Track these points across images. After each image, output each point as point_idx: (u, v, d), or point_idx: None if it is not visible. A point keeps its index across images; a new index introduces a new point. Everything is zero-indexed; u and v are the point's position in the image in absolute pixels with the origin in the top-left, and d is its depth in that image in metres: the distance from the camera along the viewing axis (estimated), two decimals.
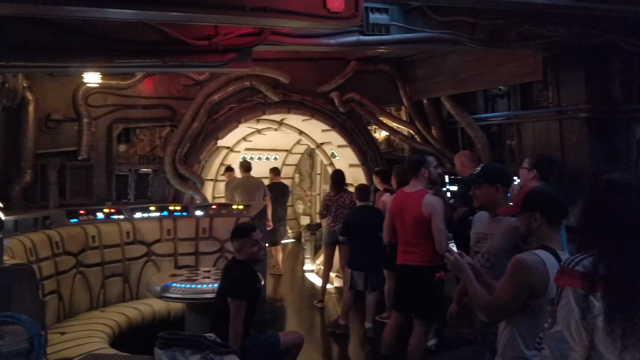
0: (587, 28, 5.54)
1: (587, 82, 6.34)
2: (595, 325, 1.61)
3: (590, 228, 1.76)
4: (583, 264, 1.70)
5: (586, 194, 1.88)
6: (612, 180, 1.73)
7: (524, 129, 7.21)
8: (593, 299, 1.62)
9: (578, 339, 1.65)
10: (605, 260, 1.64)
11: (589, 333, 1.63)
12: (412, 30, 4.91)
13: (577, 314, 1.64)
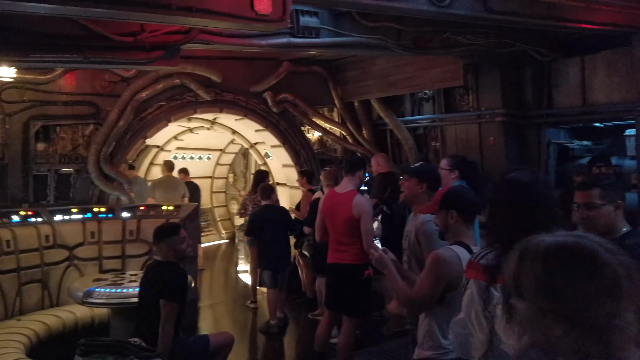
0: (503, 38, 5.97)
1: (503, 88, 6.83)
2: (496, 314, 1.77)
3: (493, 224, 1.93)
4: (487, 257, 1.86)
5: (490, 192, 2.06)
6: (508, 180, 1.90)
7: (447, 131, 7.63)
8: (493, 289, 1.78)
9: (478, 326, 1.81)
10: (504, 253, 1.81)
11: (489, 321, 1.79)
12: (342, 34, 5.05)
13: (479, 304, 1.81)
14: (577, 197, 2.42)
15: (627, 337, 0.98)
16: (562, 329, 1.01)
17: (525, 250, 1.10)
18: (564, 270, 1.02)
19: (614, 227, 2.36)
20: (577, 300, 1.00)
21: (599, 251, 1.03)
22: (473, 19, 4.33)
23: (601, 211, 2.34)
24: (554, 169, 6.94)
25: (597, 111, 6.36)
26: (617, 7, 5.16)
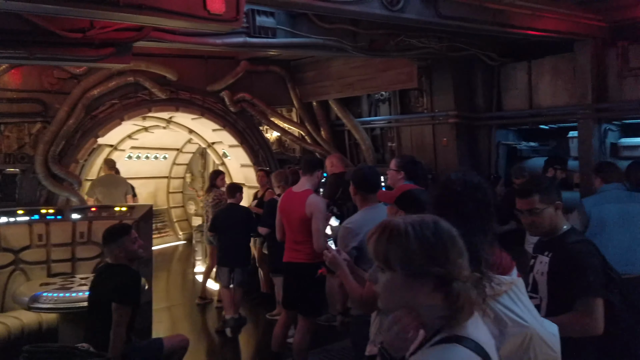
0: (455, 42, 6.18)
1: (456, 91, 7.06)
2: None
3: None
4: None
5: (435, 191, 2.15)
6: (448, 178, 1.99)
7: (403, 132, 7.81)
8: None
9: None
10: None
11: None
12: (298, 35, 5.08)
13: None
14: (519, 204, 2.56)
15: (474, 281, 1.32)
16: (431, 288, 1.27)
17: (392, 232, 1.31)
18: (434, 240, 1.28)
19: (557, 226, 2.51)
20: (445, 262, 1.27)
21: (448, 225, 1.35)
22: (425, 23, 4.45)
23: (544, 214, 2.48)
24: (504, 169, 7.23)
25: (543, 114, 6.68)
26: (560, 15, 5.43)
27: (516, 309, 1.82)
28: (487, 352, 1.26)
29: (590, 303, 2.25)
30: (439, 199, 1.97)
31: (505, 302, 1.82)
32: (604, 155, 6.17)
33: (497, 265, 1.87)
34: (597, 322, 2.24)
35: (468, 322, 1.29)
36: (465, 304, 1.26)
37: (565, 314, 2.26)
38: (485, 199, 1.96)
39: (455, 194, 1.91)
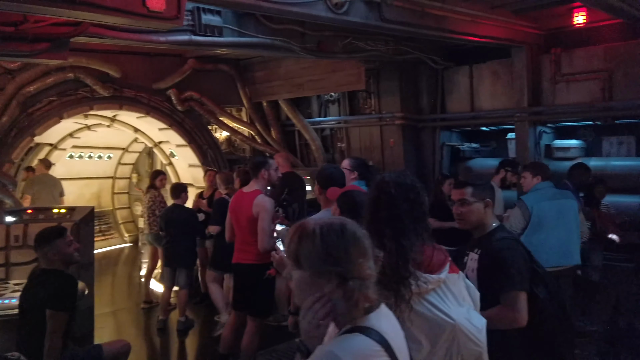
0: (401, 45, 6.35)
1: (402, 94, 7.25)
2: None
3: (370, 218, 2.06)
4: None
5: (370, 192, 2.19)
6: (382, 180, 2.04)
7: (352, 133, 7.93)
8: None
9: None
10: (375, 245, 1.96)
11: None
12: (246, 34, 5.04)
13: None
14: (453, 195, 2.71)
15: (373, 279, 1.42)
16: (335, 284, 1.36)
17: (302, 233, 1.42)
18: (337, 242, 1.39)
19: (485, 223, 2.63)
20: (346, 262, 1.37)
21: (355, 227, 1.45)
22: (369, 27, 4.55)
23: (472, 208, 2.60)
24: (448, 169, 7.50)
25: (483, 116, 6.98)
26: (498, 22, 5.70)
27: (442, 306, 1.90)
28: (390, 343, 1.36)
29: (514, 296, 2.38)
30: (372, 200, 2.03)
31: (432, 300, 1.90)
32: (539, 156, 6.54)
33: (427, 264, 1.94)
34: (521, 314, 2.37)
35: (372, 315, 1.40)
36: (360, 301, 1.37)
37: (491, 308, 2.37)
38: (418, 199, 2.03)
39: (388, 195, 1.97)
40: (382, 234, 1.91)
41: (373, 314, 1.41)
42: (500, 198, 5.31)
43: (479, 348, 1.94)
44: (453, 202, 2.70)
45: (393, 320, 1.50)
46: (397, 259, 1.89)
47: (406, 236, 1.93)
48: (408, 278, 1.87)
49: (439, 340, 1.89)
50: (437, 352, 1.90)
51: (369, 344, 1.34)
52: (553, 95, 6.28)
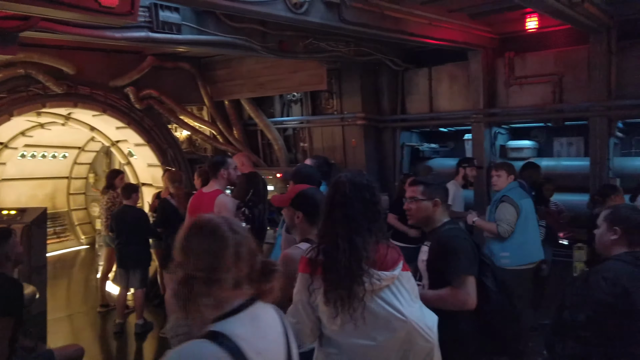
0: (361, 46, 6.42)
1: (363, 94, 7.33)
2: (317, 303, 1.93)
3: (325, 217, 2.07)
4: (311, 252, 2.00)
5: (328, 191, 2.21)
6: (338, 180, 2.07)
7: (315, 133, 7.96)
8: (315, 280, 1.94)
9: (306, 315, 1.95)
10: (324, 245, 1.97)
11: (315, 310, 1.94)
12: (205, 32, 4.98)
13: (304, 295, 1.95)
14: (407, 192, 2.82)
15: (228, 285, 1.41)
16: (183, 278, 1.39)
17: (180, 238, 1.46)
18: (194, 238, 1.43)
19: (433, 219, 2.74)
20: (195, 261, 1.39)
21: (223, 227, 1.44)
22: (329, 27, 4.58)
23: (420, 205, 2.72)
24: (408, 168, 7.63)
25: (442, 117, 7.15)
26: (455, 26, 5.84)
27: (395, 303, 1.95)
28: (242, 348, 1.35)
29: (463, 279, 2.49)
30: (328, 199, 2.05)
31: (385, 297, 1.94)
32: (494, 156, 6.75)
33: (380, 261, 1.97)
34: (470, 296, 2.47)
35: (229, 319, 1.39)
36: (204, 304, 1.37)
37: (442, 289, 2.49)
38: (373, 199, 2.06)
39: (343, 195, 1.99)
40: (336, 233, 1.94)
41: (231, 318, 1.40)
42: (461, 196, 5.49)
43: (429, 344, 2.00)
44: (405, 199, 2.81)
45: (262, 323, 1.47)
46: (350, 257, 1.92)
47: (360, 235, 1.96)
48: (361, 276, 1.91)
49: (391, 337, 1.93)
50: (390, 348, 1.94)
51: (210, 350, 1.31)
52: (507, 98, 6.50)
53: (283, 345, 1.51)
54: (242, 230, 1.48)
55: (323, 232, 1.99)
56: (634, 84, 5.52)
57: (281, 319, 1.56)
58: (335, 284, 1.88)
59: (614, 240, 2.39)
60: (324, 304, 1.91)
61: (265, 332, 1.46)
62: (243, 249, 1.44)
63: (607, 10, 5.20)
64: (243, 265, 1.43)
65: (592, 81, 5.66)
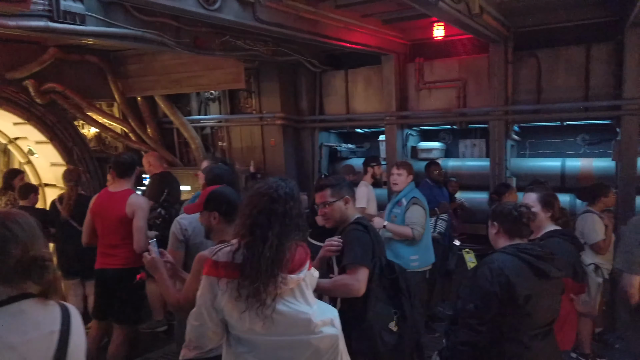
0: (280, 47, 6.44)
1: (282, 94, 7.36)
2: (222, 306, 1.91)
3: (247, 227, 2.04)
4: (218, 254, 1.97)
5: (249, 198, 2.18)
6: (258, 188, 2.02)
7: (233, 132, 7.86)
8: (221, 283, 1.91)
9: (209, 318, 1.92)
10: (239, 248, 1.95)
11: (219, 312, 1.92)
12: (113, 24, 4.72)
13: (209, 297, 1.92)
14: (316, 198, 2.89)
15: None
16: None
17: None
18: None
19: (346, 217, 2.83)
20: None
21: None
22: (243, 25, 4.54)
23: (334, 206, 2.80)
24: (326, 168, 7.78)
25: (358, 118, 7.37)
26: (369, 31, 6.05)
27: (299, 304, 1.98)
28: None
29: (356, 268, 2.59)
30: (251, 208, 1.98)
31: (290, 300, 1.97)
32: (406, 157, 7.08)
33: (289, 263, 1.97)
34: (360, 284, 2.57)
35: None
36: None
37: (337, 276, 2.60)
38: (298, 207, 2.06)
39: (267, 206, 1.96)
40: (259, 239, 1.91)
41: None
42: (373, 196, 5.60)
43: (333, 338, 2.06)
44: (318, 205, 2.87)
45: (27, 320, 1.48)
46: (272, 264, 1.91)
47: (285, 244, 1.95)
48: (277, 280, 1.91)
49: (298, 335, 1.96)
50: (298, 346, 1.97)
51: None
52: (418, 101, 6.85)
53: (52, 345, 1.49)
54: (14, 226, 1.48)
55: (245, 238, 1.95)
56: (528, 91, 6.05)
57: (64, 319, 1.54)
58: (254, 289, 1.87)
59: (496, 234, 2.62)
60: (234, 306, 1.89)
61: (27, 328, 1.45)
62: (10, 245, 1.45)
63: (504, 22, 5.67)
64: (10, 260, 1.44)
65: (492, 88, 6.13)
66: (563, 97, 5.84)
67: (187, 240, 3.18)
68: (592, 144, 6.44)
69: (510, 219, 2.56)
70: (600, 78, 5.65)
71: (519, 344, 2.42)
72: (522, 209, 2.59)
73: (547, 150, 6.72)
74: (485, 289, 2.38)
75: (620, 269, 3.20)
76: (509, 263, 2.41)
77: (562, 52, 5.84)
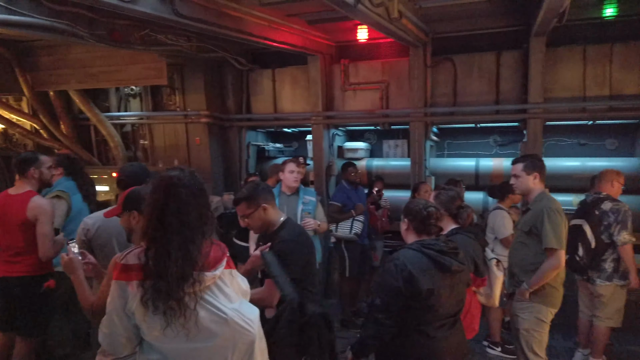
0: (204, 43, 6.28)
1: (207, 92, 7.20)
2: (134, 311, 1.83)
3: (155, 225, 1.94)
4: (127, 257, 1.88)
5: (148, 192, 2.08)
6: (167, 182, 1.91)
7: (156, 130, 7.57)
8: (130, 287, 1.83)
9: (121, 325, 1.84)
10: (148, 250, 1.86)
11: (131, 318, 1.84)
12: (17, 12, 4.38)
13: (119, 303, 1.83)
14: (237, 211, 2.91)
15: None
16: None
17: None
18: None
19: (270, 221, 2.87)
20: None
21: None
22: (161, 19, 4.36)
23: (253, 217, 2.84)
24: (254, 167, 7.71)
25: (285, 118, 7.36)
26: (294, 30, 6.06)
27: (216, 303, 1.94)
28: None
29: (270, 281, 2.66)
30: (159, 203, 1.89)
31: (207, 298, 1.92)
32: (332, 156, 7.18)
33: (203, 261, 1.92)
34: (273, 297, 2.67)
35: None
36: None
37: (256, 289, 2.63)
38: (206, 203, 2.00)
39: (178, 201, 1.88)
40: (168, 240, 1.84)
41: None
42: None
43: (251, 336, 2.04)
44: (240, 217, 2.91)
45: None
46: (183, 265, 1.85)
47: (194, 242, 1.89)
48: (192, 283, 1.85)
49: (215, 337, 1.91)
50: (213, 348, 1.92)
51: None
52: (343, 102, 6.97)
53: None
54: None
55: (152, 238, 1.85)
56: (445, 94, 6.36)
57: None
58: (165, 293, 1.80)
59: (406, 230, 2.74)
60: (145, 310, 1.82)
61: None
62: None
63: (422, 28, 5.90)
64: None
65: (412, 90, 6.37)
66: (476, 100, 6.19)
67: (89, 240, 3.05)
68: (503, 145, 6.89)
69: (419, 217, 2.68)
70: (509, 83, 6.05)
71: (424, 335, 2.53)
72: (431, 208, 2.72)
73: (463, 150, 7.09)
74: (390, 284, 2.47)
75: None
76: (413, 258, 2.52)
77: (476, 58, 6.19)
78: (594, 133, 6.39)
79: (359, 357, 2.70)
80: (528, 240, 3.54)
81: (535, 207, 3.51)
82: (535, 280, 3.44)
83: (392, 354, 2.60)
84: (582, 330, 4.68)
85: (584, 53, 5.72)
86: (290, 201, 4.62)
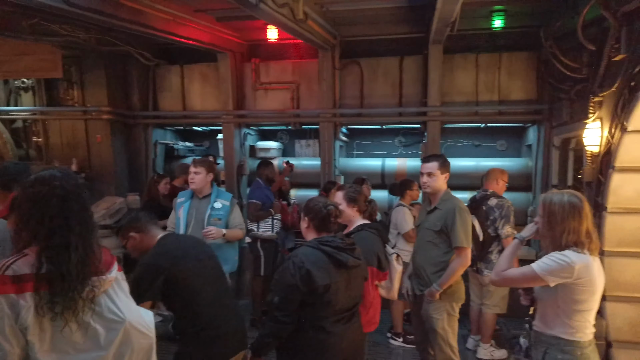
0: (105, 35, 5.94)
1: (110, 87, 6.82)
2: (27, 325, 1.68)
3: (24, 226, 1.79)
4: (13, 267, 1.70)
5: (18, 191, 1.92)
6: (49, 182, 1.80)
7: (51, 126, 7.04)
8: (23, 300, 1.68)
9: (15, 341, 1.66)
10: (40, 255, 1.72)
11: (25, 333, 1.68)
12: None
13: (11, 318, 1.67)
14: None
15: None
16: None
17: None
18: None
19: (146, 247, 2.81)
20: None
21: None
22: (49, 7, 4.05)
23: (129, 246, 2.84)
24: (162, 167, 7.43)
25: (194, 116, 7.18)
26: (202, 27, 5.91)
27: (112, 306, 1.87)
28: None
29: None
30: (39, 209, 1.76)
31: (103, 302, 1.85)
32: (244, 156, 7.12)
33: (96, 265, 1.85)
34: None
35: None
36: None
37: None
38: (87, 202, 1.90)
39: (61, 202, 1.78)
40: (62, 244, 1.72)
41: None
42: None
43: (149, 340, 1.98)
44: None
45: None
46: (83, 269, 1.75)
47: (87, 245, 1.80)
48: (84, 286, 1.75)
49: (111, 340, 1.83)
50: (112, 350, 1.84)
51: None
52: (255, 101, 6.93)
53: None
54: None
55: (44, 245, 1.72)
56: (352, 96, 6.55)
57: None
58: (69, 299, 1.69)
59: (307, 228, 2.79)
60: (42, 322, 1.69)
61: None
62: None
63: (330, 30, 6.04)
64: None
65: (322, 91, 6.49)
66: (382, 102, 6.46)
67: None
68: (407, 146, 7.25)
69: (319, 216, 2.74)
70: (411, 87, 6.38)
71: (321, 330, 2.60)
72: (331, 207, 2.79)
73: (371, 150, 7.36)
74: (288, 282, 2.51)
75: None
76: (311, 256, 2.58)
77: (381, 62, 6.45)
78: (486, 135, 6.93)
79: (258, 355, 2.71)
80: (438, 240, 3.61)
81: (444, 206, 3.59)
82: (444, 279, 3.53)
83: (291, 350, 2.64)
84: (474, 318, 5.06)
85: (477, 61, 6.18)
86: (200, 205, 4.25)
